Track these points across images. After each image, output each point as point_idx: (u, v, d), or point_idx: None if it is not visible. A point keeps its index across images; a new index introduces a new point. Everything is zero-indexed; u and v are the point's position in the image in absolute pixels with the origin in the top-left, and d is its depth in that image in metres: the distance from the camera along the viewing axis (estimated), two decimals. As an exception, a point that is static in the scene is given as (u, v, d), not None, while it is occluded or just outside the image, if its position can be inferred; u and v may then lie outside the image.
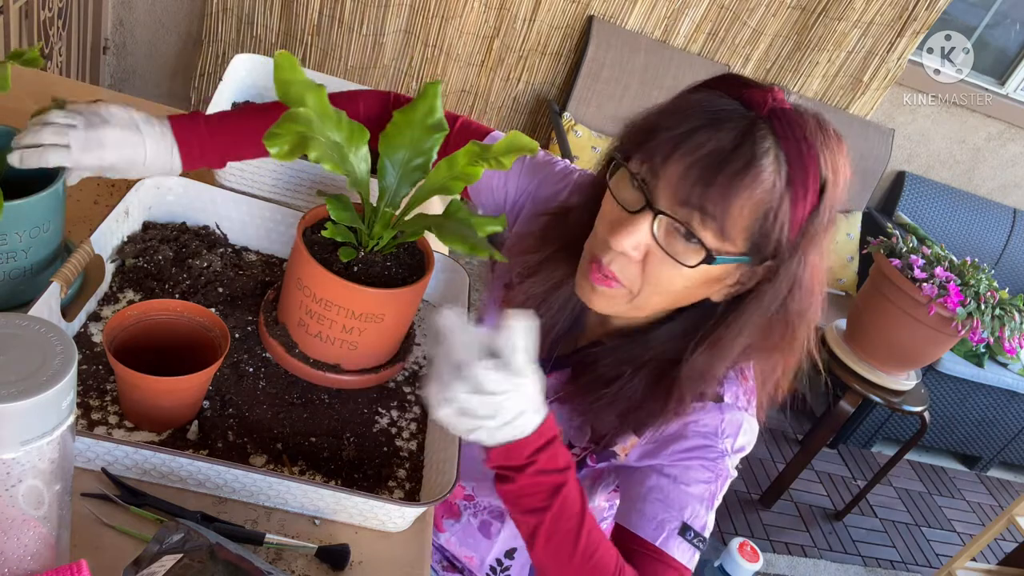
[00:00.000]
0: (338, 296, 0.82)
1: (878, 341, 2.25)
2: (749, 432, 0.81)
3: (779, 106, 0.69)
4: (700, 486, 0.77)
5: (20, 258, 0.77)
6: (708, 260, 0.69)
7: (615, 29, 2.69)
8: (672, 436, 0.79)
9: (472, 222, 0.83)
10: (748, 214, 0.68)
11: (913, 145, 3.18)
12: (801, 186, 0.68)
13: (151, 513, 0.71)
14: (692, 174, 0.67)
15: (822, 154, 0.69)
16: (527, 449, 0.64)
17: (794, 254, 0.71)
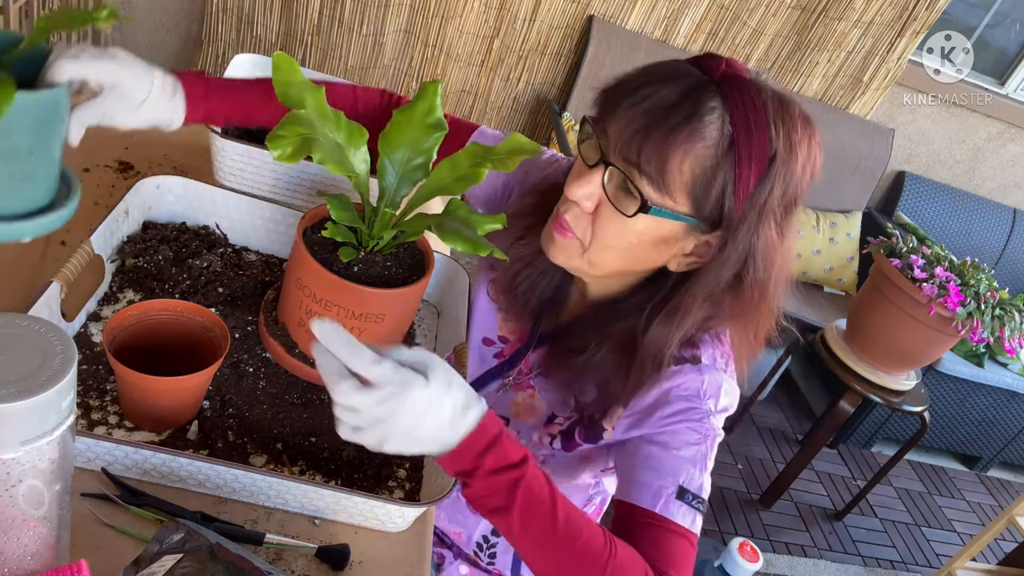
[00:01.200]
0: (338, 296, 0.82)
1: (878, 341, 2.25)
2: (731, 392, 0.81)
3: (732, 72, 0.70)
4: (690, 448, 0.77)
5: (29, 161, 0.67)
6: (643, 209, 0.71)
7: (615, 29, 2.69)
8: (655, 404, 0.80)
9: (472, 220, 0.83)
10: (687, 170, 0.69)
11: (913, 145, 3.18)
12: (745, 151, 0.69)
13: (151, 513, 0.71)
14: (632, 126, 0.69)
15: (773, 125, 0.69)
16: (469, 453, 0.62)
17: (741, 224, 0.72)
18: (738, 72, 0.71)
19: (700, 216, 0.72)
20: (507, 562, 1.02)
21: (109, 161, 1.13)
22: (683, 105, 0.68)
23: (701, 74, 0.70)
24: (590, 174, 0.74)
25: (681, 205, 0.71)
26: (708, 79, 0.70)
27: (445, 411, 0.61)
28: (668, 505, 0.74)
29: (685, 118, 0.67)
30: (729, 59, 0.72)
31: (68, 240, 0.96)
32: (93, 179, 1.08)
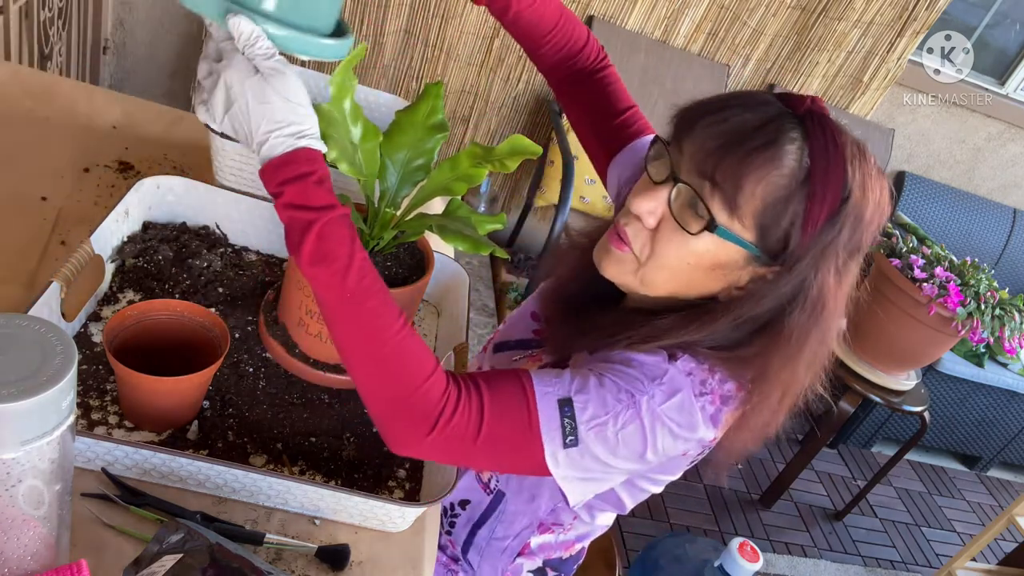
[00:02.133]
0: (338, 296, 0.82)
1: (878, 341, 2.25)
2: (684, 411, 0.73)
3: (817, 110, 0.70)
4: (607, 396, 0.71)
5: None
6: (710, 227, 0.69)
7: (615, 29, 2.69)
8: (614, 359, 0.76)
9: (473, 220, 0.83)
10: (759, 195, 0.68)
11: (913, 145, 3.18)
12: (820, 186, 0.68)
13: (151, 513, 0.71)
14: (710, 144, 0.69)
15: (851, 165, 0.69)
16: (278, 175, 0.64)
17: (800, 262, 0.70)
18: (821, 110, 0.71)
19: (764, 246, 0.70)
20: (461, 537, 1.01)
21: (109, 161, 1.13)
22: (765, 130, 0.68)
23: (784, 107, 0.70)
24: (656, 190, 0.73)
25: (747, 231, 0.70)
26: (792, 111, 0.70)
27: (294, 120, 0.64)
28: (546, 397, 0.70)
29: (765, 143, 0.67)
30: (815, 97, 0.72)
31: (68, 240, 0.96)
32: (93, 179, 1.08)
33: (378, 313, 0.65)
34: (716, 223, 0.69)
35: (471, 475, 0.97)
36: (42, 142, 1.11)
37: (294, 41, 0.64)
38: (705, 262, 0.73)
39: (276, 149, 0.64)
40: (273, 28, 0.62)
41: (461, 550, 1.02)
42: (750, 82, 2.90)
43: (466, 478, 0.97)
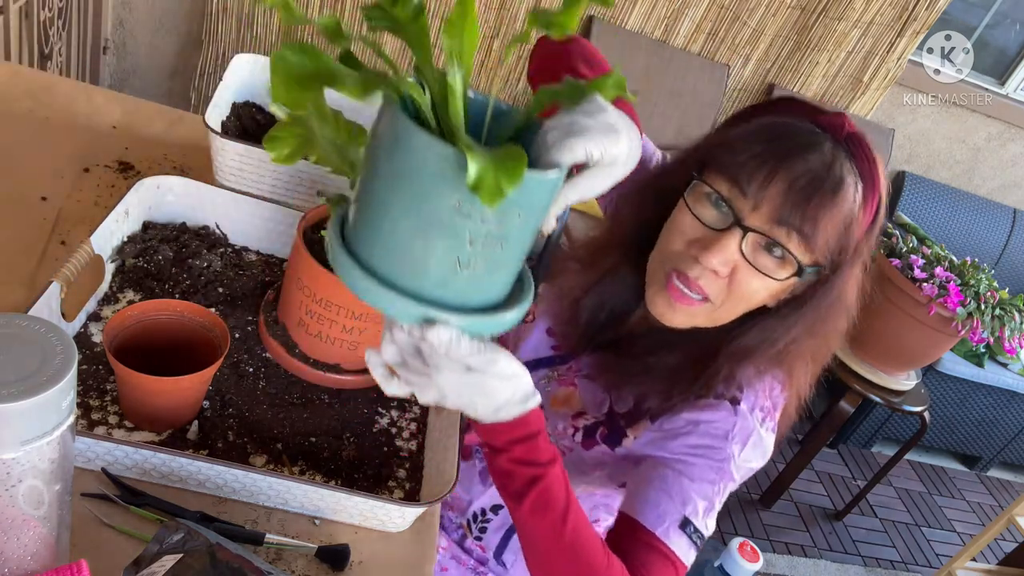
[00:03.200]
0: (338, 296, 0.82)
1: (878, 341, 2.25)
2: (759, 447, 0.82)
3: (852, 130, 0.77)
4: (704, 484, 0.78)
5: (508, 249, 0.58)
6: (799, 273, 0.75)
7: (615, 29, 2.69)
8: (682, 430, 0.81)
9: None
10: (833, 230, 0.73)
11: (913, 145, 3.18)
12: (870, 202, 0.76)
13: (151, 513, 0.71)
14: (791, 196, 0.72)
15: (882, 171, 0.77)
16: (506, 435, 0.65)
17: (850, 265, 0.77)
18: (855, 129, 0.77)
19: (824, 264, 0.76)
20: (494, 542, 1.02)
21: (109, 161, 1.13)
22: (831, 173, 0.73)
23: (827, 135, 0.75)
24: (722, 239, 0.74)
25: (817, 259, 0.75)
26: (835, 138, 0.76)
27: (518, 390, 0.63)
28: (670, 531, 0.75)
29: (835, 187, 0.72)
30: (845, 117, 0.77)
31: (68, 240, 0.96)
32: (93, 179, 1.08)
33: (590, 557, 0.68)
34: (804, 268, 0.75)
35: None
36: (42, 142, 1.11)
37: (478, 325, 0.59)
38: (777, 290, 0.78)
39: (504, 418, 0.64)
40: (456, 319, 0.57)
41: (494, 553, 1.02)
42: (750, 82, 2.90)
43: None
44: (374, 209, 0.56)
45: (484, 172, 0.48)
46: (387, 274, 0.56)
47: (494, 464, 0.67)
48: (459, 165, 0.51)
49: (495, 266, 0.58)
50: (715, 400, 0.81)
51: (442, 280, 0.56)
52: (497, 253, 0.57)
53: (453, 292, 0.57)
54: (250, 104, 1.25)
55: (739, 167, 0.74)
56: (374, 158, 0.56)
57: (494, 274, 0.59)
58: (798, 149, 0.73)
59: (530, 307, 0.75)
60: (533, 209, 0.57)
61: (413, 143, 0.53)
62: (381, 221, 0.56)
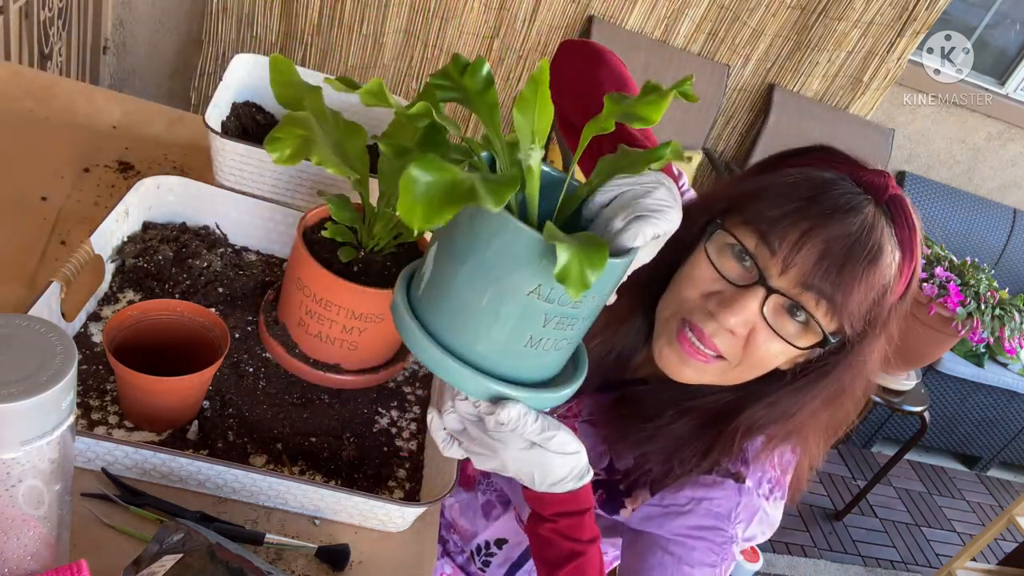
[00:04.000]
0: (338, 296, 0.82)
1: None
2: (765, 522, 0.78)
3: (894, 192, 0.70)
4: (704, 569, 0.75)
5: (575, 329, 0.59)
6: (822, 343, 0.70)
7: (615, 29, 2.69)
8: (683, 508, 0.77)
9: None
10: (864, 298, 0.68)
11: (913, 145, 3.18)
12: (906, 271, 0.70)
13: (151, 513, 0.71)
14: (825, 262, 0.66)
15: (920, 238, 0.71)
16: (556, 507, 0.65)
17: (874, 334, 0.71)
18: (895, 190, 0.71)
19: (849, 334, 0.71)
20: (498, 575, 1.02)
21: (109, 161, 1.13)
22: (870, 239, 0.67)
23: (867, 196, 0.69)
24: (743, 297, 0.69)
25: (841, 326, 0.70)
26: (876, 200, 0.69)
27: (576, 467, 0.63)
28: None
29: (873, 255, 0.67)
30: (886, 175, 0.71)
31: (68, 240, 0.96)
32: (93, 179, 1.08)
33: None
34: (829, 338, 0.69)
35: (510, 516, 0.96)
36: (42, 142, 1.11)
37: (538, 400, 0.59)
38: (795, 357, 0.73)
39: (557, 491, 0.64)
40: (521, 394, 0.58)
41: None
42: (750, 82, 2.90)
43: (504, 519, 0.97)
44: (449, 285, 0.56)
45: (571, 263, 0.48)
46: (456, 346, 0.57)
47: (537, 530, 0.67)
48: (544, 252, 0.52)
49: (563, 345, 0.59)
50: (719, 477, 0.76)
51: (511, 357, 0.57)
52: (567, 333, 0.57)
53: (520, 368, 0.58)
54: (250, 104, 1.25)
55: (770, 222, 0.68)
56: (454, 234, 0.56)
57: (560, 352, 0.60)
58: (838, 211, 0.67)
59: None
60: (604, 290, 0.58)
61: (499, 226, 0.53)
62: (456, 297, 0.56)
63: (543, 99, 0.53)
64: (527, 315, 0.55)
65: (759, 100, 2.94)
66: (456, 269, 0.56)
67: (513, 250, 0.53)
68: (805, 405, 0.74)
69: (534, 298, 0.54)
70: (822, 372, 0.73)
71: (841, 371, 0.73)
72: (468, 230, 0.55)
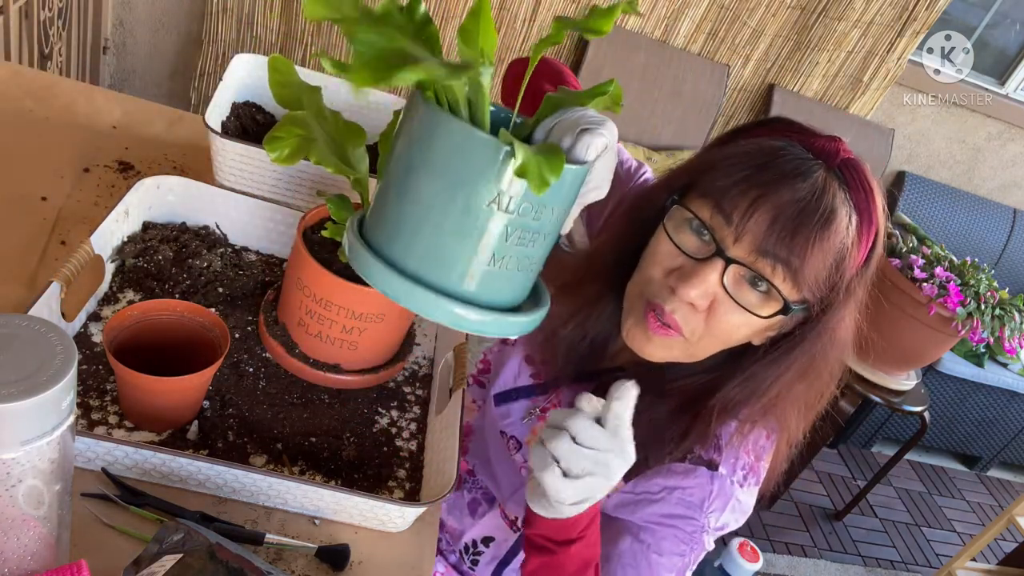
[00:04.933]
0: (338, 296, 0.82)
1: (878, 341, 2.25)
2: (738, 509, 0.78)
3: (847, 156, 0.70)
4: (673, 558, 0.75)
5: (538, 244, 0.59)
6: (784, 311, 0.69)
7: (615, 29, 2.69)
8: (654, 496, 0.77)
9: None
10: (821, 263, 0.68)
11: (913, 145, 3.18)
12: (865, 235, 0.70)
13: (151, 513, 0.71)
14: (776, 227, 0.66)
15: (879, 202, 0.71)
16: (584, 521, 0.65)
17: (841, 301, 0.71)
18: (850, 154, 0.71)
19: (813, 302, 0.71)
20: (486, 573, 1.01)
21: (109, 161, 1.13)
22: (822, 203, 0.67)
23: (816, 160, 0.69)
24: (702, 270, 0.69)
25: (805, 295, 0.70)
26: (828, 165, 0.69)
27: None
28: None
29: (827, 216, 0.67)
30: (841, 142, 0.71)
31: (68, 240, 0.96)
32: (93, 179, 1.08)
33: None
34: (790, 305, 0.69)
35: (496, 514, 0.96)
36: (42, 142, 1.11)
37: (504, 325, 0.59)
38: (760, 327, 0.72)
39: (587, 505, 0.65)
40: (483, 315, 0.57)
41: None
42: (750, 82, 2.90)
43: (490, 516, 0.97)
44: (405, 207, 0.56)
45: (530, 160, 0.49)
46: (415, 271, 0.56)
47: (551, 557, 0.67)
48: (502, 159, 0.52)
49: (526, 264, 0.58)
50: (692, 465, 0.76)
51: (473, 276, 0.56)
52: (530, 251, 0.57)
53: (483, 289, 0.57)
54: (250, 104, 1.25)
55: (722, 192, 0.69)
56: (406, 155, 0.56)
57: (523, 272, 0.59)
58: (787, 176, 0.67)
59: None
60: (563, 204, 0.58)
61: (454, 135, 0.53)
62: (416, 219, 0.55)
63: (485, 23, 0.53)
64: (489, 229, 0.54)
65: (759, 100, 2.94)
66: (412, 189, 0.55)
67: (471, 159, 0.53)
68: (779, 378, 0.74)
69: (494, 208, 0.54)
70: (792, 343, 0.73)
71: (811, 341, 0.73)
72: (423, 145, 0.54)
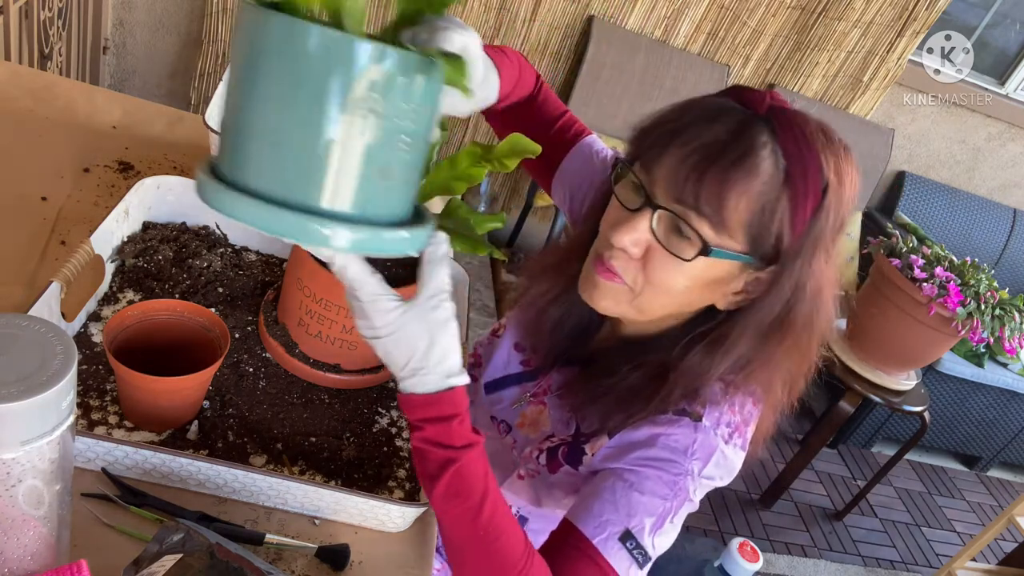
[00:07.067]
0: (338, 296, 0.83)
1: (878, 341, 2.25)
2: (723, 464, 0.77)
3: (778, 105, 0.69)
4: (655, 499, 0.73)
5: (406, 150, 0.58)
6: (704, 252, 0.69)
7: (615, 29, 2.69)
8: (639, 442, 0.77)
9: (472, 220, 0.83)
10: (744, 208, 0.67)
11: (913, 145, 3.18)
12: (801, 184, 0.68)
13: (151, 513, 0.71)
14: (685, 167, 0.67)
15: (823, 155, 0.69)
16: (420, 411, 0.63)
17: (797, 258, 0.70)
18: (784, 104, 0.70)
19: (757, 253, 0.70)
20: None
21: (109, 161, 1.13)
22: (736, 142, 0.67)
23: (746, 109, 0.69)
24: (634, 219, 0.71)
25: (738, 243, 0.69)
26: (754, 112, 0.69)
27: (449, 359, 0.63)
28: (608, 542, 0.71)
29: (740, 155, 0.66)
30: (772, 92, 0.71)
31: (68, 240, 0.96)
32: (93, 179, 1.08)
33: (505, 552, 0.65)
34: (710, 247, 0.68)
35: None
36: (42, 142, 1.11)
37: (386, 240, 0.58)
38: (702, 281, 0.72)
39: (420, 388, 0.63)
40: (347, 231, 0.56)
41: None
42: (750, 82, 2.90)
43: None
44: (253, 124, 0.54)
45: (389, 53, 0.53)
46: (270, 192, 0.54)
47: (412, 444, 0.65)
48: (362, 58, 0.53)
49: (394, 172, 0.57)
50: (675, 416, 0.77)
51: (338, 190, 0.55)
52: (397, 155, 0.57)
53: (354, 204, 0.56)
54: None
55: (648, 144, 0.71)
56: (252, 71, 0.53)
57: (393, 183, 0.58)
58: (700, 120, 0.68)
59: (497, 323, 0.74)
60: (429, 100, 0.57)
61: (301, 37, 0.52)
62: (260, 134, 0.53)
63: None
64: (352, 132, 0.53)
65: (759, 100, 2.94)
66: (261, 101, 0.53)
67: (329, 58, 0.52)
68: (741, 336, 0.74)
69: (356, 109, 0.53)
70: (754, 301, 0.73)
71: (771, 299, 0.72)
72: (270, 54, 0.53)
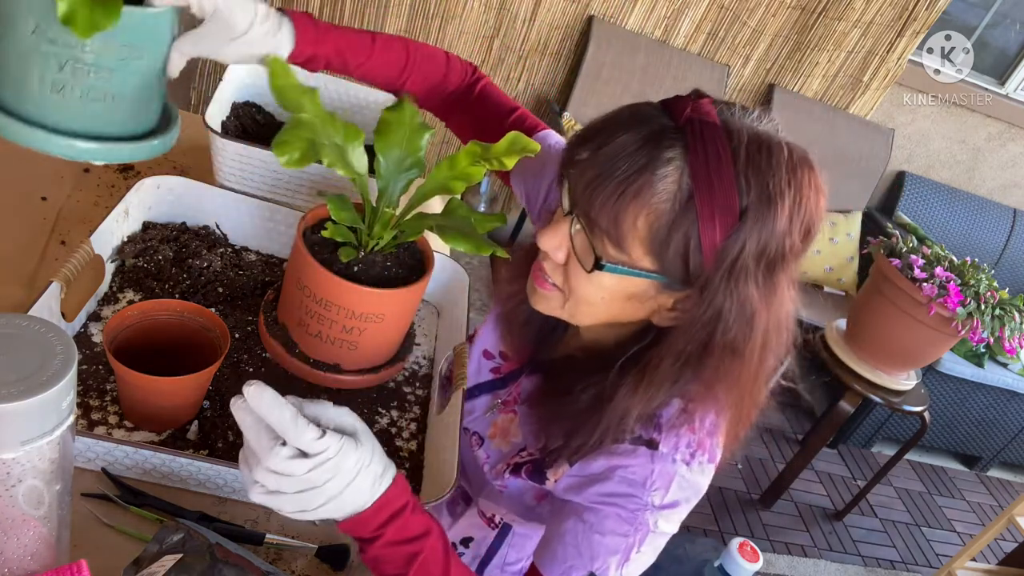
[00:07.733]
0: (338, 296, 0.83)
1: (878, 341, 2.25)
2: (686, 488, 0.74)
3: (698, 117, 0.63)
4: (616, 538, 0.72)
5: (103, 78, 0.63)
6: (597, 265, 0.66)
7: (615, 29, 2.69)
8: (598, 475, 0.75)
9: (472, 220, 0.83)
10: (642, 225, 0.63)
11: (913, 145, 3.18)
12: (707, 205, 0.62)
13: (151, 513, 0.71)
14: (586, 177, 0.65)
15: (743, 176, 0.62)
16: (374, 521, 0.62)
17: (712, 282, 0.65)
18: (705, 115, 0.63)
19: (666, 273, 0.66)
20: None
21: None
22: (638, 155, 0.62)
23: (666, 118, 0.64)
24: (559, 224, 0.70)
25: (642, 261, 0.66)
26: (672, 124, 0.63)
27: (370, 476, 0.61)
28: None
29: (638, 170, 0.62)
30: (700, 100, 0.65)
31: (68, 240, 0.96)
32: (93, 179, 1.08)
33: None
34: (602, 261, 0.66)
35: (473, 512, 0.96)
36: (42, 142, 1.11)
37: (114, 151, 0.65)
38: (617, 295, 0.69)
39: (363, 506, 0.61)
40: (82, 143, 0.63)
41: None
42: (750, 82, 2.90)
43: (467, 515, 0.96)
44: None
45: (75, 6, 0.54)
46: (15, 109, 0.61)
47: (367, 556, 0.63)
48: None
49: (97, 95, 0.63)
50: (632, 445, 0.74)
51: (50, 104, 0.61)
52: (99, 82, 0.62)
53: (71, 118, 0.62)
54: (250, 104, 1.25)
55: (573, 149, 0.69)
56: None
57: (109, 102, 0.64)
58: (615, 129, 0.64)
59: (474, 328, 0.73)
60: (142, 44, 0.63)
61: None
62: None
63: None
64: (40, 59, 0.59)
65: (759, 100, 2.94)
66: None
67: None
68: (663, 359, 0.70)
69: (41, 41, 0.58)
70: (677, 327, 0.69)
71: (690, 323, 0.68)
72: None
